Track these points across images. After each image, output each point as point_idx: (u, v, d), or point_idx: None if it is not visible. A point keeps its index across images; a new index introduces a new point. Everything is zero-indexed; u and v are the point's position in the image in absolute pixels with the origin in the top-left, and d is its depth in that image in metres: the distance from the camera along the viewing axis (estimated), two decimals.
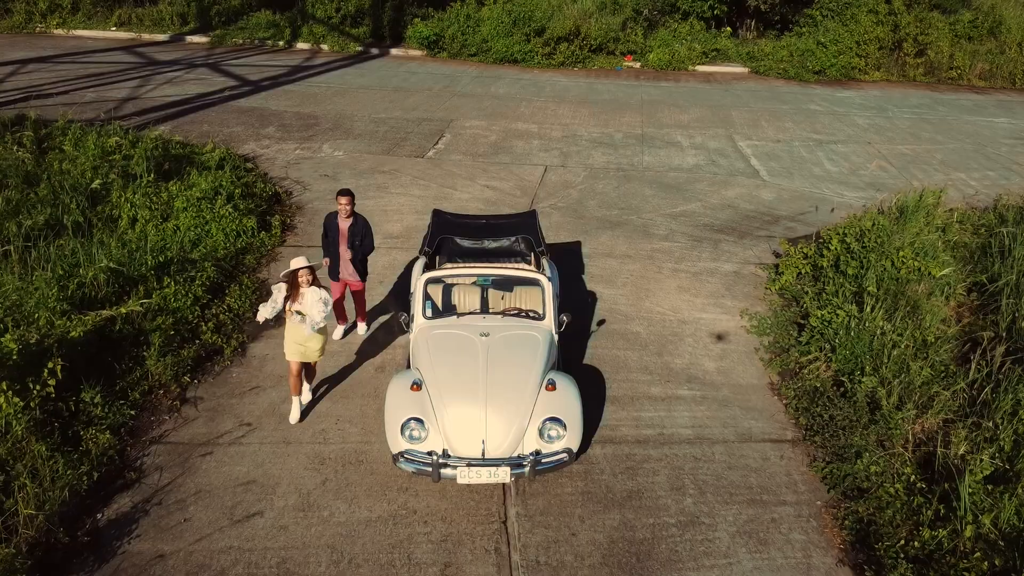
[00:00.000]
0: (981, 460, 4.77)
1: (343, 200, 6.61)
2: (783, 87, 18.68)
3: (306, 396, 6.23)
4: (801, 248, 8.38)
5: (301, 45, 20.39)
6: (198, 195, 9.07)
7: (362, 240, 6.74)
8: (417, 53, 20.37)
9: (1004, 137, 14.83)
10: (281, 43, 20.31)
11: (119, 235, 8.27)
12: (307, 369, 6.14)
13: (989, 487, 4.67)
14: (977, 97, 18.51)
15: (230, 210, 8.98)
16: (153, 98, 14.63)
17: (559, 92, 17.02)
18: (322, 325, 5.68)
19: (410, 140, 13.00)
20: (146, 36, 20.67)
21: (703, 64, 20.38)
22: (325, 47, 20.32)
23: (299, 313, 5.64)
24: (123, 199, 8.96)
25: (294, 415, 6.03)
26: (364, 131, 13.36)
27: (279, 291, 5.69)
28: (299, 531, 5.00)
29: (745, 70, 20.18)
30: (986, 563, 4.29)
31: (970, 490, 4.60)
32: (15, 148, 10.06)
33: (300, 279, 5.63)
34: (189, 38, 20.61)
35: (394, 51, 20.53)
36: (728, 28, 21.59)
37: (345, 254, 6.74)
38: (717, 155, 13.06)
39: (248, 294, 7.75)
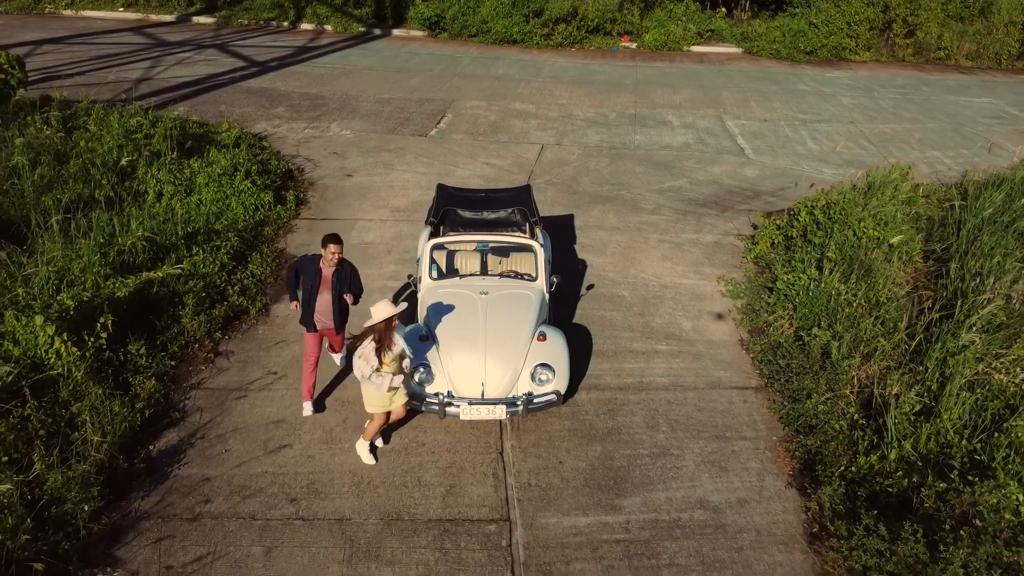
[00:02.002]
0: (909, 397, 5.55)
1: (333, 248, 5.86)
2: (774, 67, 19.23)
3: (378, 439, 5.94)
4: (774, 220, 9.11)
5: (305, 26, 20.91)
6: (219, 171, 9.77)
7: (350, 287, 6.09)
8: (419, 34, 20.89)
9: (982, 117, 15.45)
10: (286, 23, 20.83)
11: (148, 208, 9.00)
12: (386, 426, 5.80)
13: (914, 418, 5.46)
14: (962, 77, 19.06)
15: (248, 185, 9.69)
16: (166, 79, 15.24)
17: (557, 73, 17.60)
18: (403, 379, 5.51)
19: (413, 120, 13.65)
20: (153, 16, 21.18)
21: (698, 44, 20.90)
22: (329, 28, 20.84)
23: (388, 374, 5.41)
24: (149, 175, 9.66)
25: (369, 457, 5.75)
26: (369, 111, 14.01)
27: (369, 350, 5.31)
28: (324, 459, 5.81)
29: (738, 50, 20.71)
30: (906, 480, 5.08)
31: (896, 421, 5.40)
32: (44, 128, 10.73)
33: (393, 326, 5.34)
34: (196, 18, 21.12)
35: (396, 32, 21.04)
36: (723, 9, 22.07)
37: (324, 302, 6.00)
38: (706, 134, 13.72)
39: (268, 262, 8.50)
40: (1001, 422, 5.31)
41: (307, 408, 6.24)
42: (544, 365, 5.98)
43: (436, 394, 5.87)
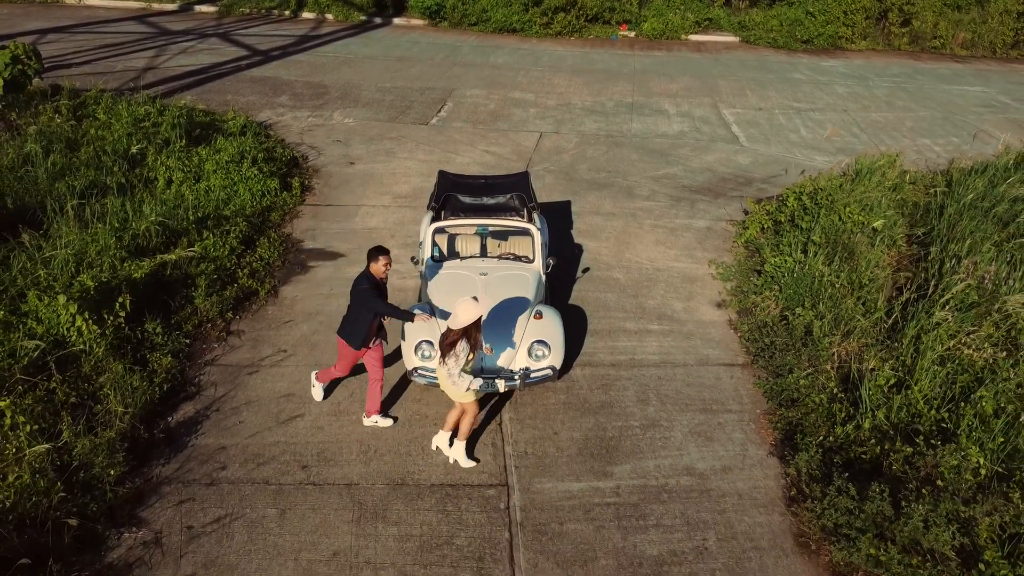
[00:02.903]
0: (884, 371, 5.89)
1: (386, 260, 5.86)
2: (771, 56, 19.44)
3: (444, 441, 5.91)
4: (764, 206, 9.42)
5: (306, 14, 21.08)
6: (226, 159, 10.06)
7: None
8: (419, 22, 21.07)
9: (974, 105, 15.70)
10: (287, 12, 21.00)
11: (159, 194, 9.31)
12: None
13: (888, 391, 5.80)
14: (957, 66, 19.28)
15: (255, 172, 9.99)
16: (170, 68, 15.47)
17: (555, 62, 17.83)
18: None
19: (414, 108, 13.92)
20: (156, 5, 21.33)
21: (696, 33, 21.08)
22: (330, 16, 21.01)
23: (468, 374, 5.49)
24: (159, 162, 9.96)
25: (468, 461, 5.80)
26: (371, 100, 14.27)
27: (461, 349, 5.35)
28: (333, 430, 6.17)
29: (736, 39, 20.89)
30: (878, 447, 5.43)
31: (870, 393, 5.74)
32: (55, 116, 11.01)
33: (480, 325, 5.42)
34: (198, 7, 21.28)
35: (396, 20, 21.22)
36: None
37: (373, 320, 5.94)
38: (701, 122, 13.98)
39: (276, 246, 8.82)
40: (969, 394, 5.65)
41: (384, 420, 6.13)
42: (540, 342, 6.32)
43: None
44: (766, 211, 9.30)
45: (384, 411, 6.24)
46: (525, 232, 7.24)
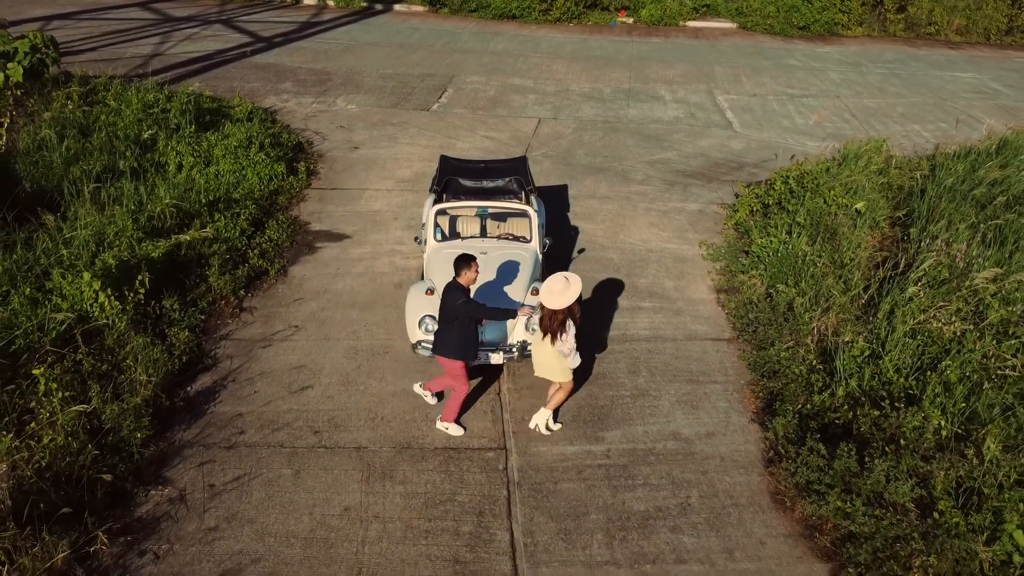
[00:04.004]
0: (858, 343, 6.28)
1: (475, 266, 5.90)
2: (767, 43, 19.67)
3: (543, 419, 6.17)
4: (754, 189, 9.77)
5: (308, 0, 21.27)
6: (234, 144, 10.41)
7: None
8: (419, 9, 21.27)
9: (965, 91, 15.99)
10: None
11: (170, 178, 9.66)
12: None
13: (861, 361, 6.20)
14: (951, 53, 19.52)
15: (262, 157, 10.33)
16: (176, 54, 15.75)
17: (554, 48, 18.08)
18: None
19: (416, 95, 14.22)
20: None
21: (693, 19, 21.29)
22: (331, 2, 21.21)
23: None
24: (169, 147, 10.31)
25: (556, 424, 6.19)
26: (373, 86, 14.57)
27: (570, 325, 5.70)
28: (342, 399, 6.58)
29: (733, 25, 21.11)
30: (850, 413, 5.84)
31: (845, 363, 6.14)
32: (67, 103, 11.33)
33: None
34: None
35: (397, 7, 21.42)
36: None
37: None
38: (696, 108, 14.29)
39: (284, 228, 9.19)
40: (936, 364, 6.05)
41: (456, 429, 6.21)
42: None
43: None
44: (755, 195, 9.66)
45: (456, 418, 6.21)
46: (523, 214, 7.61)
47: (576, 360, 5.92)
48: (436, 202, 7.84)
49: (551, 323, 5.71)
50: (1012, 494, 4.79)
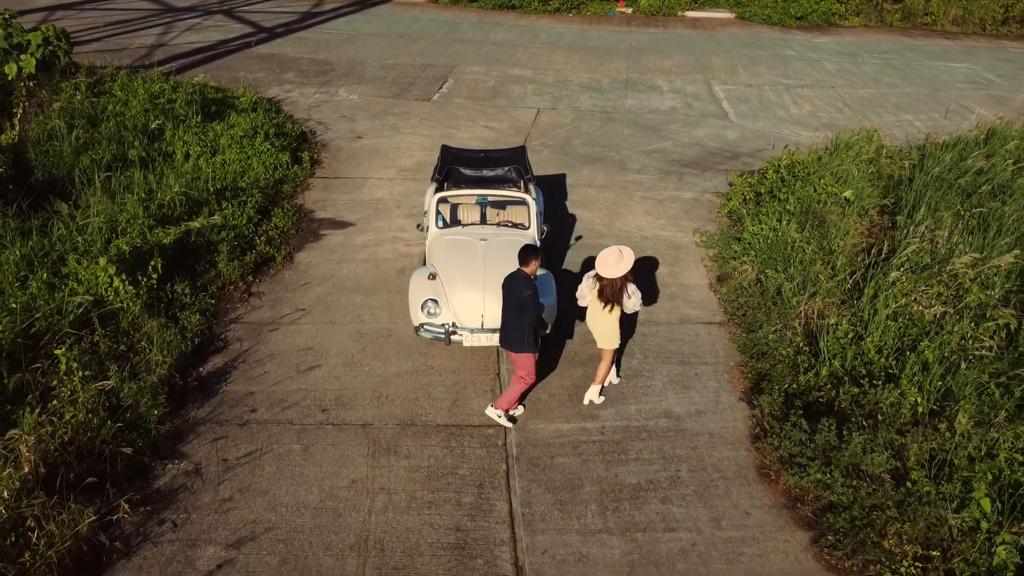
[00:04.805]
0: (843, 325, 6.57)
1: (540, 259, 6.08)
2: (765, 33, 19.83)
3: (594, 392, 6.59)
4: (747, 179, 10.02)
5: None
6: (240, 134, 10.65)
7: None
8: None
9: (959, 82, 16.19)
10: None
11: (178, 168, 9.91)
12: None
13: (844, 342, 6.49)
14: (946, 43, 19.68)
15: (267, 147, 10.57)
16: (179, 45, 15.94)
17: (553, 39, 18.25)
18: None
19: (417, 85, 14.43)
20: None
21: (692, 10, 21.44)
22: None
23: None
24: (176, 137, 10.55)
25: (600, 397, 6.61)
26: (375, 76, 14.77)
27: (634, 290, 6.17)
28: (348, 379, 6.87)
29: (731, 16, 21.25)
30: (833, 391, 6.14)
31: (828, 344, 6.43)
32: (75, 93, 11.55)
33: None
34: None
35: None
36: None
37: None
38: (693, 99, 14.51)
39: (289, 216, 9.45)
40: (916, 345, 6.33)
41: (505, 420, 6.30)
42: None
43: (442, 325, 6.89)
44: (748, 183, 9.91)
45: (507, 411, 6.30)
46: (521, 202, 7.87)
47: (638, 304, 6.25)
48: (437, 190, 8.10)
49: (611, 291, 6.13)
50: (981, 465, 5.09)
